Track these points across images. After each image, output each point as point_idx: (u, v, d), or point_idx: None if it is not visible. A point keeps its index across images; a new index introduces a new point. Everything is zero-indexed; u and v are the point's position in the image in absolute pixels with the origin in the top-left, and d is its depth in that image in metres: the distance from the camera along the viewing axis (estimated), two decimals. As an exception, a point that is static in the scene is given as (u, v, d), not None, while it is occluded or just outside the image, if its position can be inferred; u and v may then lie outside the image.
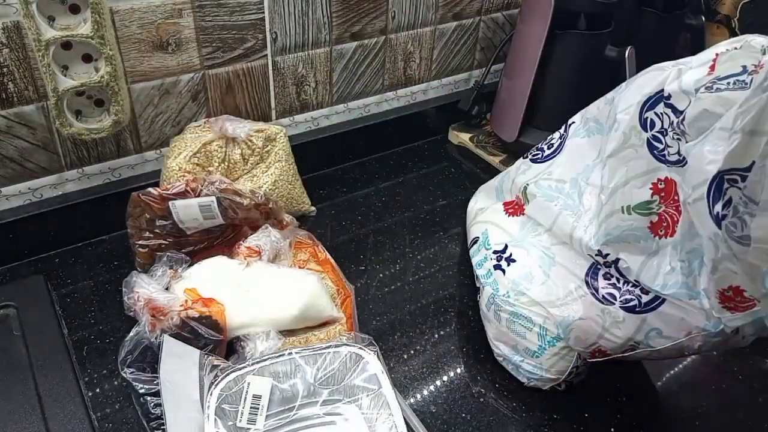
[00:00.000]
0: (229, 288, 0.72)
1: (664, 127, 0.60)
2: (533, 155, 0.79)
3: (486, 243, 0.77)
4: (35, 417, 0.66)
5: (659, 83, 0.60)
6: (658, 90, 0.60)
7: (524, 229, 0.74)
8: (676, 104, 0.58)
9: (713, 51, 0.57)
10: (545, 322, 0.69)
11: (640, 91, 0.62)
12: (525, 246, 0.73)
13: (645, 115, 0.61)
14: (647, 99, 0.61)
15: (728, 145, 0.50)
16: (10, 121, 0.78)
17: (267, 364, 0.64)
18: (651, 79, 0.62)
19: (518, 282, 0.71)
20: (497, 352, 0.75)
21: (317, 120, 1.06)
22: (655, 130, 0.61)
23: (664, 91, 0.59)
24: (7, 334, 0.74)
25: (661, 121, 0.60)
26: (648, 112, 0.61)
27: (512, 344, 0.72)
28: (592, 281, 0.66)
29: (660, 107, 0.60)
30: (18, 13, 0.72)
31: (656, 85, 0.61)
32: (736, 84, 0.53)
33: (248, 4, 0.88)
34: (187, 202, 0.76)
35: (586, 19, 1.01)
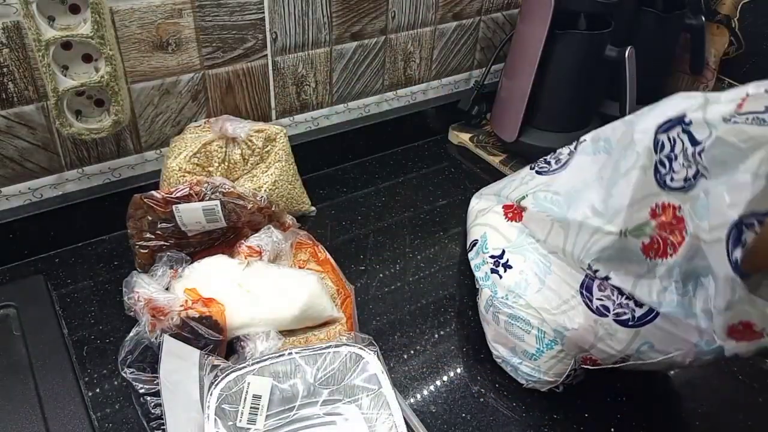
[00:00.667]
0: (229, 288, 0.72)
1: (675, 152, 0.59)
2: (540, 167, 0.79)
3: (484, 247, 0.77)
4: (35, 417, 0.66)
5: (682, 109, 0.60)
6: (679, 114, 0.60)
7: (522, 235, 0.74)
8: (695, 133, 0.58)
9: (744, 90, 0.57)
10: (543, 325, 0.69)
11: (662, 114, 0.62)
12: (522, 252, 0.73)
13: (659, 137, 0.61)
14: (666, 121, 0.61)
15: (752, 191, 0.50)
16: (10, 121, 0.78)
17: (267, 364, 0.64)
18: (675, 104, 0.61)
19: (514, 288, 0.71)
20: (496, 354, 0.75)
21: (317, 120, 1.06)
22: (664, 153, 0.60)
23: (686, 116, 0.59)
24: (7, 334, 0.74)
25: (672, 145, 0.60)
26: (662, 134, 0.61)
27: (510, 346, 0.72)
28: (587, 292, 0.66)
29: (676, 131, 0.60)
30: (18, 13, 0.72)
31: (679, 109, 0.60)
32: (755, 121, 0.53)
33: (248, 4, 0.88)
34: (190, 206, 0.76)
35: (586, 19, 1.01)
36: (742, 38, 1.17)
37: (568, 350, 0.69)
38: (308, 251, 0.82)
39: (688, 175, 0.58)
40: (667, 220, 0.61)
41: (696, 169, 0.58)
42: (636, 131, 0.63)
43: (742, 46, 1.17)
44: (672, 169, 0.60)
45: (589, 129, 1.09)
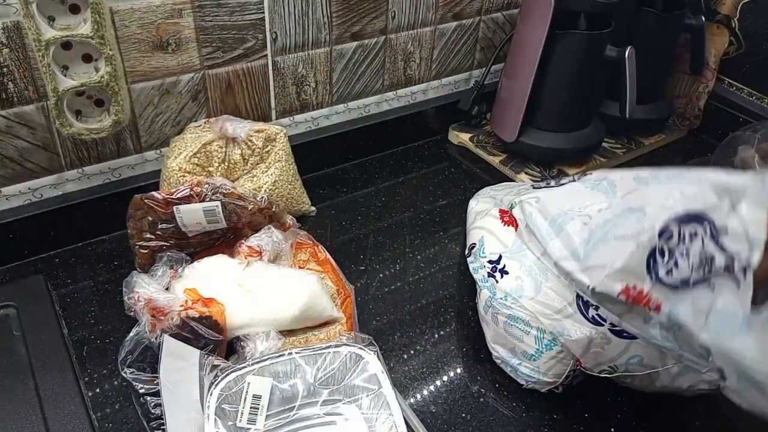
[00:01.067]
0: (229, 288, 0.72)
1: (684, 246, 0.58)
2: (537, 184, 0.78)
3: (482, 251, 0.77)
4: (35, 417, 0.66)
5: (708, 205, 0.59)
6: (703, 212, 0.59)
7: (519, 241, 0.74)
8: (729, 243, 0.57)
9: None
10: (542, 326, 0.69)
11: (682, 200, 0.60)
12: (519, 258, 0.73)
13: (671, 226, 0.59)
14: (687, 215, 0.59)
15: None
16: (10, 121, 0.78)
17: (267, 364, 0.64)
18: (699, 195, 0.60)
19: (511, 293, 0.71)
20: (495, 355, 0.75)
21: (317, 120, 1.06)
22: (669, 243, 0.59)
23: (713, 219, 0.58)
24: (7, 334, 0.74)
25: (681, 240, 0.58)
26: (675, 225, 0.59)
27: (510, 347, 0.72)
28: (582, 303, 0.66)
29: (693, 227, 0.59)
30: (18, 13, 0.72)
31: (703, 205, 0.59)
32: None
33: (248, 4, 0.88)
34: (191, 206, 0.76)
35: (586, 19, 1.01)
36: (742, 38, 1.17)
37: (567, 352, 0.69)
38: (308, 251, 0.82)
39: (690, 277, 0.57)
40: (640, 302, 0.60)
41: (705, 277, 0.57)
42: (649, 203, 0.61)
43: (742, 46, 1.17)
44: (674, 264, 0.58)
45: (589, 129, 1.10)
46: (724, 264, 0.57)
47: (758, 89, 1.17)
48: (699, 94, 1.22)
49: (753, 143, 0.96)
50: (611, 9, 0.97)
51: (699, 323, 0.57)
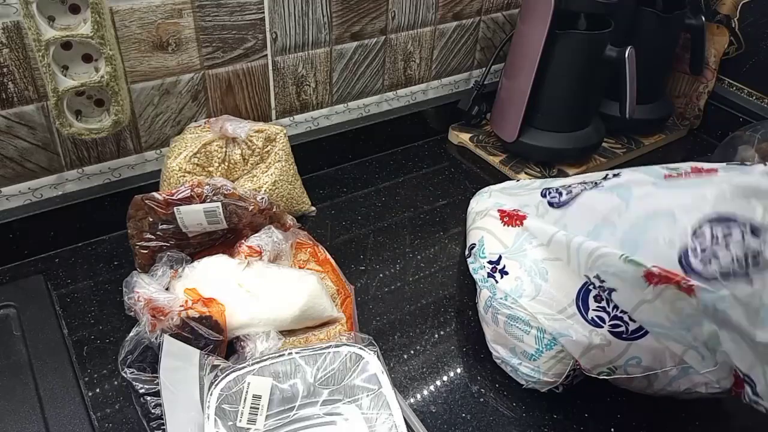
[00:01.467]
0: (229, 288, 0.72)
1: (720, 244, 0.58)
2: (551, 196, 0.76)
3: (481, 252, 0.77)
4: (35, 417, 0.66)
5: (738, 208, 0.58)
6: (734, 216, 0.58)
7: (519, 241, 0.74)
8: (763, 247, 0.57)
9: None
10: (542, 326, 0.69)
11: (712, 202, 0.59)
12: (518, 259, 0.73)
13: (703, 227, 0.59)
14: (719, 216, 0.59)
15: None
16: (10, 121, 0.78)
17: (267, 364, 0.64)
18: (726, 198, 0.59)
19: (511, 293, 0.71)
20: (495, 355, 0.75)
21: (317, 120, 1.06)
22: (704, 244, 0.59)
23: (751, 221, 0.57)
24: (7, 334, 0.74)
25: (715, 239, 0.58)
26: (708, 224, 0.59)
27: (510, 347, 0.72)
28: (582, 303, 0.66)
29: (726, 227, 0.58)
30: (18, 13, 0.72)
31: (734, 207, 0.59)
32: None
33: (248, 4, 0.88)
34: (192, 207, 0.76)
35: (586, 19, 1.01)
36: (742, 38, 1.17)
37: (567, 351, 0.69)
38: (308, 251, 0.82)
39: (731, 268, 0.57)
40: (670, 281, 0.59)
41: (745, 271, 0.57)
42: (678, 207, 0.61)
43: (742, 46, 1.17)
44: (713, 256, 0.58)
45: (589, 129, 1.10)
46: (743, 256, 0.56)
47: (758, 89, 1.17)
48: (699, 94, 1.22)
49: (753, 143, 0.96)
50: (611, 9, 0.97)
51: (752, 319, 0.57)
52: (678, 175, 0.67)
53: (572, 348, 0.67)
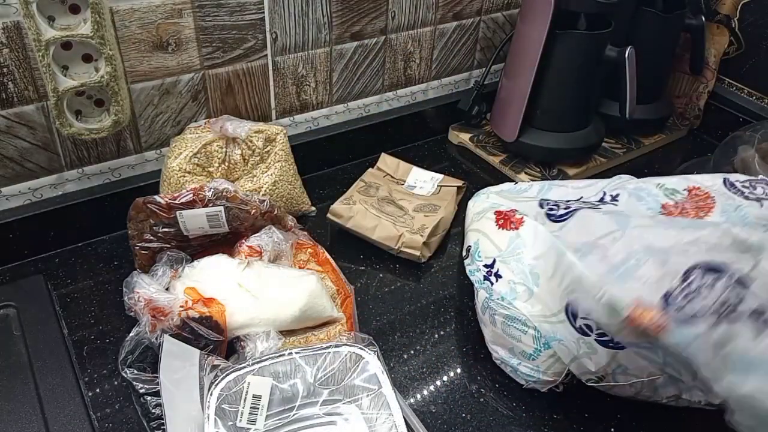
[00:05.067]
0: (229, 288, 0.72)
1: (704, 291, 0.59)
2: (549, 208, 0.77)
3: (477, 254, 0.77)
4: (35, 417, 0.66)
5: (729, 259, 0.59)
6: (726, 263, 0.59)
7: (512, 245, 0.74)
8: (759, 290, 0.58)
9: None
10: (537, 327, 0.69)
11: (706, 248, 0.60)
12: (511, 263, 0.73)
13: (693, 272, 0.60)
14: (710, 265, 0.60)
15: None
16: (10, 121, 0.78)
17: (267, 364, 0.64)
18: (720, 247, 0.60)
19: (506, 296, 0.71)
20: (495, 356, 0.75)
21: (317, 120, 1.06)
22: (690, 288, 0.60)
23: (740, 273, 0.58)
24: (7, 334, 0.74)
25: (703, 285, 0.59)
26: (698, 270, 0.60)
27: (509, 347, 0.72)
28: (571, 311, 0.66)
29: (715, 276, 0.59)
30: (18, 13, 0.72)
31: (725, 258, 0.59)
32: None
33: (248, 4, 0.88)
34: (194, 212, 0.76)
35: (586, 19, 1.01)
36: (742, 38, 1.17)
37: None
38: (308, 251, 0.82)
39: (707, 312, 0.58)
40: (642, 324, 0.60)
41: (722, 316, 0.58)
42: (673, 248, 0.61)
43: (742, 46, 1.17)
44: (692, 299, 0.59)
45: (589, 129, 1.10)
46: (755, 308, 0.57)
47: (758, 89, 1.17)
48: (699, 94, 1.22)
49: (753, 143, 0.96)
50: (611, 9, 0.97)
51: (716, 363, 0.58)
52: (676, 206, 0.68)
53: (563, 353, 0.68)
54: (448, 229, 0.95)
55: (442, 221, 0.92)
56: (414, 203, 0.96)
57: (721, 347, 0.58)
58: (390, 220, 0.90)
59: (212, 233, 0.79)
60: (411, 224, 0.90)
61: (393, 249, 0.88)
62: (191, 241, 0.79)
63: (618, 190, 0.74)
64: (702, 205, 0.67)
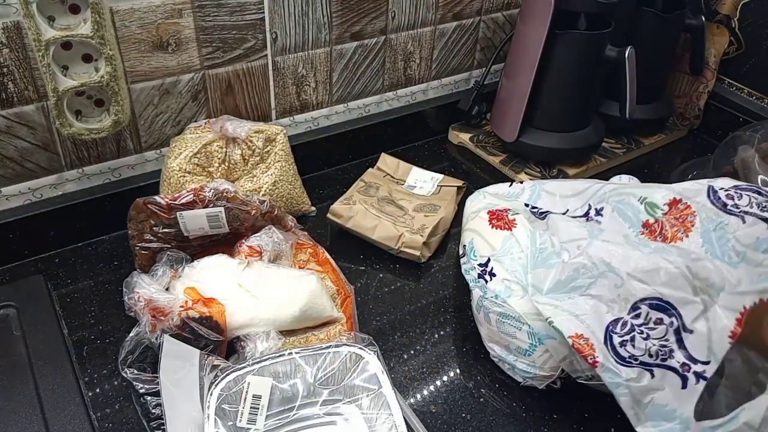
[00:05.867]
0: (230, 288, 0.72)
1: (646, 329, 0.62)
2: (531, 209, 0.81)
3: (472, 254, 0.78)
4: (35, 417, 0.66)
5: (682, 298, 0.61)
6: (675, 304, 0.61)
7: (506, 245, 0.75)
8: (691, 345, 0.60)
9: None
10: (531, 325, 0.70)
11: (661, 282, 0.62)
12: (505, 261, 0.74)
13: (642, 306, 0.62)
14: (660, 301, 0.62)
15: None
16: (10, 121, 0.78)
17: (267, 364, 0.64)
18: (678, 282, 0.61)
19: (500, 294, 0.72)
20: (492, 354, 0.75)
21: (317, 120, 1.06)
22: (636, 320, 0.62)
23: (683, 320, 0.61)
24: (7, 334, 0.74)
25: (646, 322, 0.62)
26: (648, 307, 0.62)
27: (504, 344, 0.73)
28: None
29: (661, 315, 0.61)
30: (18, 13, 0.72)
31: (678, 296, 0.61)
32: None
33: (248, 4, 0.88)
34: (195, 212, 0.76)
35: (586, 19, 1.01)
36: (742, 38, 1.17)
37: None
38: (308, 251, 0.82)
39: (640, 359, 0.61)
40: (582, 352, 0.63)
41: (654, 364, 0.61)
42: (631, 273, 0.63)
43: (742, 46, 1.17)
44: (631, 340, 0.61)
45: (589, 129, 1.10)
46: (682, 362, 0.60)
47: (758, 89, 1.17)
48: (699, 94, 1.22)
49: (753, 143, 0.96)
50: (611, 9, 0.97)
51: (636, 411, 0.61)
52: (657, 224, 0.69)
53: (555, 351, 0.68)
54: (448, 229, 0.95)
55: (442, 221, 0.92)
56: (414, 203, 0.96)
57: (644, 395, 0.60)
58: (390, 220, 0.90)
59: (212, 234, 0.79)
60: (411, 224, 0.90)
61: (393, 249, 0.88)
62: (191, 241, 0.79)
63: (602, 203, 0.75)
64: (681, 223, 0.67)
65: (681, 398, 0.60)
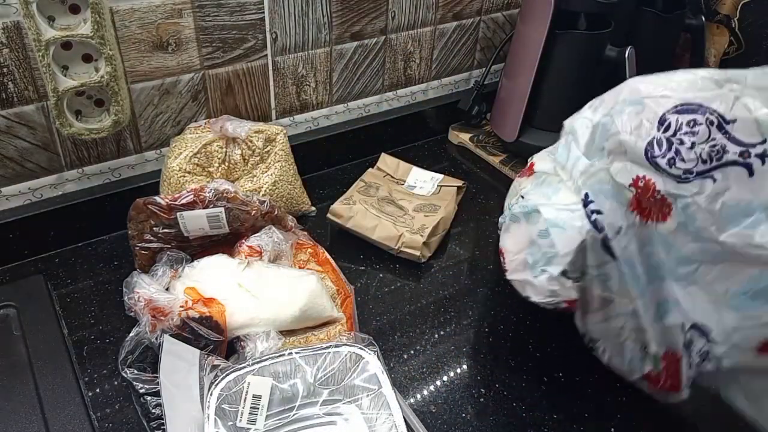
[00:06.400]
0: (230, 288, 0.72)
1: (684, 136, 0.58)
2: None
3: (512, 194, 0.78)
4: (35, 417, 0.66)
5: (708, 95, 0.57)
6: (701, 102, 0.57)
7: (536, 182, 0.74)
8: (738, 133, 0.55)
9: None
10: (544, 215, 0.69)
11: (679, 90, 0.59)
12: (536, 191, 0.72)
13: (668, 117, 0.59)
14: (684, 104, 0.58)
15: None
16: (10, 121, 0.78)
17: (267, 364, 0.64)
18: (698, 84, 0.59)
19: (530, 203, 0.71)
20: (514, 275, 0.72)
21: (317, 120, 1.06)
22: (667, 133, 0.59)
23: (718, 112, 0.57)
24: (7, 334, 0.74)
25: (679, 129, 0.58)
26: (674, 115, 0.58)
27: (530, 242, 0.70)
28: (587, 202, 0.66)
29: (692, 117, 0.58)
30: (18, 13, 0.72)
31: (704, 94, 0.58)
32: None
33: (248, 4, 0.88)
34: (195, 213, 0.76)
35: (586, 19, 1.01)
36: (742, 38, 1.17)
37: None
38: (308, 251, 0.82)
39: (695, 168, 0.57)
40: (647, 208, 0.60)
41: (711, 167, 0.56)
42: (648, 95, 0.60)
43: (742, 46, 1.17)
44: (676, 153, 0.58)
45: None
46: (739, 152, 0.55)
47: (758, 89, 1.17)
48: (699, 94, 1.22)
49: (753, 143, 0.96)
50: (611, 9, 0.97)
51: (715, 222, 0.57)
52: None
53: (562, 242, 0.66)
54: (448, 229, 0.95)
55: (442, 221, 0.92)
56: (414, 203, 0.96)
57: (712, 203, 0.57)
58: (390, 220, 0.90)
59: (212, 234, 0.79)
60: (411, 224, 0.90)
61: (393, 249, 0.88)
62: (191, 241, 0.79)
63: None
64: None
65: (752, 187, 0.55)
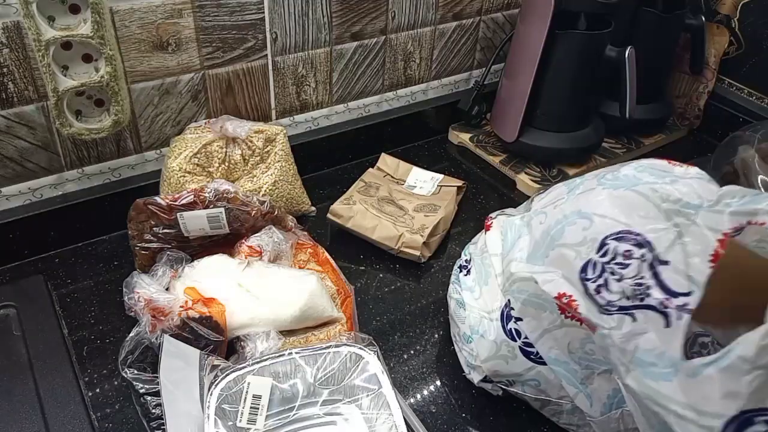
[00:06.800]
0: (230, 288, 0.72)
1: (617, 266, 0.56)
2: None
3: (466, 250, 0.80)
4: (35, 417, 0.66)
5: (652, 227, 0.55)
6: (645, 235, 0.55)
7: (482, 246, 0.76)
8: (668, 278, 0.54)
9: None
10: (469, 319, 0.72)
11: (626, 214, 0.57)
12: (476, 262, 0.75)
13: (608, 242, 0.57)
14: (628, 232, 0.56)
15: (751, 382, 0.46)
16: (10, 121, 0.78)
17: (267, 364, 0.64)
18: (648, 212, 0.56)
19: (466, 288, 0.74)
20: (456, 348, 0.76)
21: (317, 120, 1.06)
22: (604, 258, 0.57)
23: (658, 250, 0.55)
24: (7, 334, 0.74)
25: (614, 259, 0.56)
26: (613, 241, 0.57)
27: (456, 330, 0.74)
28: (506, 314, 0.67)
29: (629, 248, 0.56)
30: (18, 13, 0.72)
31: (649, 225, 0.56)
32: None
33: (248, 4, 0.88)
34: (195, 213, 0.76)
35: (586, 19, 1.01)
36: (742, 38, 1.17)
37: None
38: (308, 251, 0.82)
39: (617, 303, 0.56)
40: (570, 311, 0.59)
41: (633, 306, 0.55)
42: (597, 211, 0.58)
43: (742, 46, 1.17)
44: (605, 283, 0.57)
45: (589, 129, 1.10)
46: (660, 300, 0.54)
47: (758, 89, 1.17)
48: (699, 94, 1.22)
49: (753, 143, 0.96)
50: (611, 9, 0.97)
51: (623, 362, 0.56)
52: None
53: (481, 348, 0.68)
54: (448, 229, 0.95)
55: (442, 221, 0.92)
56: (414, 203, 0.96)
57: (627, 342, 0.55)
58: (390, 220, 0.90)
59: (213, 234, 0.79)
60: (411, 224, 0.90)
61: (393, 249, 0.88)
62: (191, 241, 0.79)
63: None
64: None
65: (666, 338, 0.54)
